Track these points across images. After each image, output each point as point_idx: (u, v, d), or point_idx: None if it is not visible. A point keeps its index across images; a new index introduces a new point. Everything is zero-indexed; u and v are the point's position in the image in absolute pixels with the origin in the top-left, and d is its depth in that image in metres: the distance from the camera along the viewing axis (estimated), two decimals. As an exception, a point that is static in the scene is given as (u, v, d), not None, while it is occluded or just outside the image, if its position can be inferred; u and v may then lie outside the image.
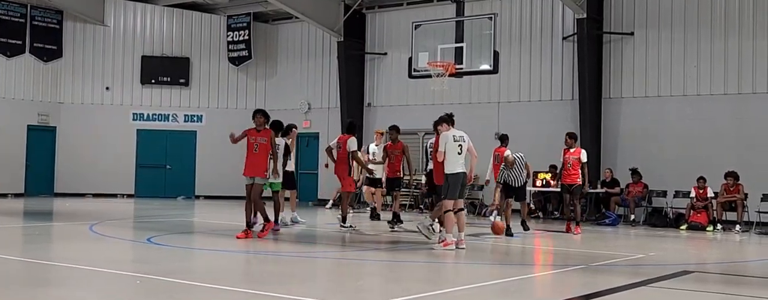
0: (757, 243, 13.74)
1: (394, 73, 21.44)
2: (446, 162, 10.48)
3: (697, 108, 17.36)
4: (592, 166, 18.15)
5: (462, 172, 10.55)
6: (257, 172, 11.29)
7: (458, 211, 10.62)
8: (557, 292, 7.59)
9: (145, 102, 24.02)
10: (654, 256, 10.91)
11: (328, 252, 10.87)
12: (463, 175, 10.55)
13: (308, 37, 23.96)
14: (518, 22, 19.90)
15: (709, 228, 15.39)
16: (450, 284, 7.93)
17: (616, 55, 18.55)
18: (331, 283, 7.99)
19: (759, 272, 9.81)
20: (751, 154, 16.43)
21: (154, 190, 23.29)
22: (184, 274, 7.83)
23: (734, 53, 17.02)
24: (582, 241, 13.10)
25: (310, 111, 23.64)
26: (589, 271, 8.86)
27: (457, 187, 10.48)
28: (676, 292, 7.56)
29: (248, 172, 11.33)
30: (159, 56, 24.02)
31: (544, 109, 19.28)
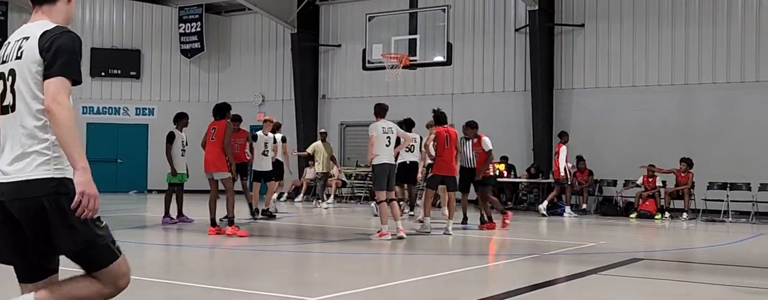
0: (703, 230, 14.08)
1: (349, 65, 21.41)
2: (374, 152, 10.55)
3: (645, 98, 17.70)
4: (544, 157, 18.44)
5: (388, 164, 10.64)
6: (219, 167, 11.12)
7: (390, 201, 10.74)
8: (510, 282, 7.69)
9: (94, 95, 23.56)
10: (604, 244, 11.12)
11: (283, 245, 10.84)
12: (389, 167, 10.66)
13: (262, 28, 23.77)
14: (471, 14, 20.02)
15: (657, 216, 15.74)
16: (404, 275, 7.97)
17: (568, 46, 18.80)
18: (284, 276, 7.97)
19: (705, 259, 10.05)
20: (698, 144, 16.81)
21: (105, 184, 22.58)
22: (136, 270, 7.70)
23: (681, 44, 17.38)
24: (534, 231, 13.28)
25: (264, 103, 23.48)
26: (541, 260, 8.99)
27: (383, 177, 10.57)
28: (626, 279, 7.72)
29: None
30: (109, 48, 23.58)
31: (497, 101, 19.46)
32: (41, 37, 3.01)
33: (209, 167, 11.06)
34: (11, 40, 3.16)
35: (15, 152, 3.04)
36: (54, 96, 2.97)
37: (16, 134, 3.05)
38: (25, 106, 3.04)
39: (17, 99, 3.04)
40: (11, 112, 3.07)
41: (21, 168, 3.01)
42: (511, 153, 18.42)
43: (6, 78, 3.07)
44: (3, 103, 3.10)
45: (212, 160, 11.01)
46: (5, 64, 3.09)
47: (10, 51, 3.09)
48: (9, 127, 3.08)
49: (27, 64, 3.01)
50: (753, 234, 12.96)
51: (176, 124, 12.95)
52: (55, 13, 3.19)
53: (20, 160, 3.03)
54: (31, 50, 3.00)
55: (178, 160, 12.71)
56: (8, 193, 3.02)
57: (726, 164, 16.37)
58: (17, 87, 3.03)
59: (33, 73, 3.01)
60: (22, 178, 3.00)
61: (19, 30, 3.18)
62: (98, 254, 3.15)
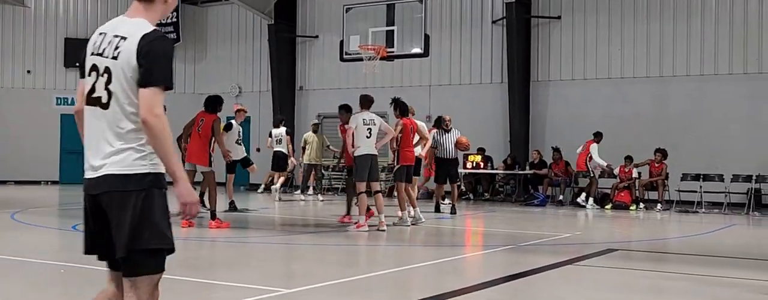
0: (677, 221, 14.25)
1: (326, 56, 21.34)
2: (355, 144, 10.56)
3: (620, 90, 17.85)
4: (521, 148, 18.55)
5: (370, 155, 10.64)
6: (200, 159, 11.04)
7: (376, 193, 10.74)
8: (487, 272, 7.74)
9: (69, 86, 23.29)
10: (580, 235, 11.22)
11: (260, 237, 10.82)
12: (371, 158, 10.65)
13: (238, 19, 23.61)
14: (448, 5, 20.03)
15: (632, 207, 15.89)
16: (381, 266, 8.00)
17: (544, 38, 18.89)
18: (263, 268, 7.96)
19: (679, 249, 10.19)
20: (672, 136, 16.98)
21: (80, 176, 22.56)
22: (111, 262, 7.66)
23: (656, 37, 17.53)
24: (511, 222, 13.35)
25: (241, 95, 23.35)
26: (518, 251, 9.05)
27: (365, 169, 10.57)
28: (602, 270, 7.79)
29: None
30: (83, 39, 23.26)
31: (474, 92, 19.51)
32: (140, 40, 3.05)
33: (191, 158, 10.96)
34: (106, 31, 3.18)
35: (108, 148, 3.10)
36: (150, 108, 3.01)
37: (109, 132, 3.10)
38: (120, 108, 3.09)
39: (112, 99, 3.09)
40: (102, 108, 3.12)
41: (117, 161, 3.08)
42: (488, 144, 18.49)
43: (100, 73, 3.11)
44: (93, 95, 3.14)
45: (195, 151, 10.90)
46: (100, 58, 3.12)
47: (106, 46, 3.12)
48: (100, 123, 3.13)
49: (123, 67, 3.06)
50: (725, 224, 13.14)
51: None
52: (151, 12, 3.23)
53: (116, 155, 3.09)
54: (129, 54, 3.05)
55: None
56: (101, 187, 3.10)
57: (699, 155, 16.57)
58: (113, 87, 3.08)
59: (128, 78, 3.06)
60: (117, 172, 3.07)
61: (115, 23, 3.20)
62: (154, 259, 3.15)
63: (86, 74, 3.18)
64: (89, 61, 3.17)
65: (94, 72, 3.14)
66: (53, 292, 6.34)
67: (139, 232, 3.05)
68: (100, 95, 3.11)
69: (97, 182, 3.12)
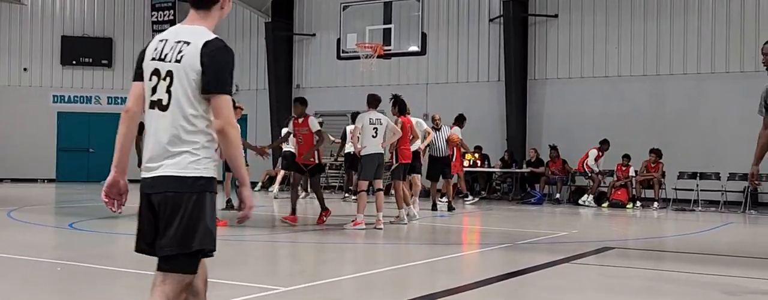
0: (673, 219, 14.27)
1: (323, 54, 21.33)
2: (362, 143, 10.57)
3: (617, 89, 17.86)
4: (518, 147, 18.56)
5: (377, 154, 10.65)
6: None
7: (377, 191, 10.74)
8: (483, 271, 7.75)
9: (65, 83, 23.28)
10: (576, 233, 11.23)
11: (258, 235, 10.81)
12: (378, 157, 10.66)
13: (235, 17, 23.56)
14: (445, 3, 20.03)
15: (629, 205, 15.92)
16: (378, 264, 8.00)
17: (541, 37, 18.90)
18: (259, 266, 7.96)
19: (675, 247, 10.21)
20: (668, 134, 17.01)
21: (77, 174, 22.66)
22: (107, 260, 7.67)
23: (653, 35, 17.55)
24: (507, 220, 13.36)
25: (238, 93, 23.30)
26: (514, 249, 9.06)
27: (371, 168, 10.59)
28: (598, 268, 7.81)
29: None
30: (80, 36, 23.28)
31: (471, 91, 19.51)
32: (204, 47, 3.17)
33: None
34: (167, 38, 3.28)
35: (166, 149, 3.21)
36: (228, 118, 3.16)
37: (166, 133, 3.20)
38: (179, 110, 3.18)
39: (172, 101, 3.19)
40: (161, 110, 3.22)
41: (173, 164, 3.18)
42: (485, 143, 18.50)
43: (162, 77, 3.21)
44: (152, 98, 3.25)
45: None
46: (161, 63, 3.23)
47: (168, 51, 3.23)
48: (158, 125, 3.23)
49: (186, 70, 3.16)
50: (722, 223, 13.16)
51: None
52: (209, 18, 3.36)
53: (172, 157, 3.19)
54: (192, 58, 3.16)
55: None
56: (156, 187, 3.20)
57: (696, 154, 16.60)
58: (174, 90, 3.18)
59: (190, 80, 3.16)
60: (173, 174, 3.17)
61: (175, 31, 3.31)
62: (192, 261, 3.24)
63: (147, 78, 3.28)
64: (150, 66, 3.27)
65: (155, 76, 3.24)
66: (50, 290, 6.33)
67: (190, 234, 3.15)
68: (161, 98, 3.22)
69: (153, 182, 3.22)
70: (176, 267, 3.20)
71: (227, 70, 3.20)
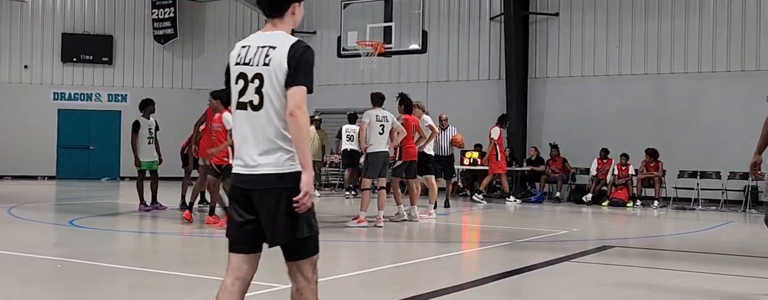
0: (674, 218, 14.27)
1: (324, 52, 21.23)
2: (368, 140, 10.58)
3: (618, 88, 17.85)
4: (518, 145, 18.55)
5: (383, 152, 10.66)
6: None
7: (379, 189, 10.75)
8: (483, 269, 7.75)
9: (66, 81, 23.26)
10: (576, 231, 11.23)
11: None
12: (384, 155, 10.67)
13: (236, 15, 23.58)
14: (446, 1, 20.01)
15: (629, 204, 15.91)
16: (378, 262, 8.00)
17: (542, 35, 18.88)
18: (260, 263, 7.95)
19: (675, 246, 10.21)
20: (669, 133, 17.00)
21: (77, 171, 22.64)
22: (107, 257, 7.68)
23: (654, 34, 17.53)
24: (507, 218, 13.36)
25: (239, 90, 23.33)
26: (515, 248, 9.06)
27: (377, 166, 10.61)
28: (598, 267, 7.81)
29: None
30: (80, 34, 23.26)
31: (471, 89, 19.50)
32: (290, 49, 3.45)
33: (205, 153, 10.93)
34: (249, 44, 3.57)
35: (261, 147, 3.45)
36: (299, 104, 3.39)
37: (262, 132, 3.45)
38: (272, 108, 3.43)
39: (265, 101, 3.44)
40: (253, 110, 3.46)
41: (271, 162, 3.43)
42: (486, 141, 18.46)
43: (250, 79, 3.47)
44: (241, 100, 3.50)
45: (208, 147, 10.87)
46: (247, 67, 3.50)
47: (254, 56, 3.50)
48: (252, 124, 3.47)
49: (275, 71, 3.43)
50: (722, 222, 13.16)
51: (142, 111, 12.83)
52: (285, 24, 3.64)
53: (269, 154, 3.44)
54: (280, 60, 3.43)
55: (145, 148, 12.60)
56: (256, 183, 3.45)
57: (696, 153, 16.58)
58: (265, 90, 3.44)
59: (279, 80, 3.42)
60: (272, 171, 3.43)
61: (257, 37, 3.60)
62: (311, 244, 3.59)
63: (234, 82, 3.54)
64: (235, 71, 3.55)
65: (242, 80, 3.50)
66: (50, 287, 6.33)
67: (295, 224, 3.46)
68: (251, 99, 3.47)
69: (252, 179, 3.46)
70: (302, 253, 3.57)
71: (309, 66, 3.45)
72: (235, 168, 3.55)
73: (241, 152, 3.51)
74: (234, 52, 3.61)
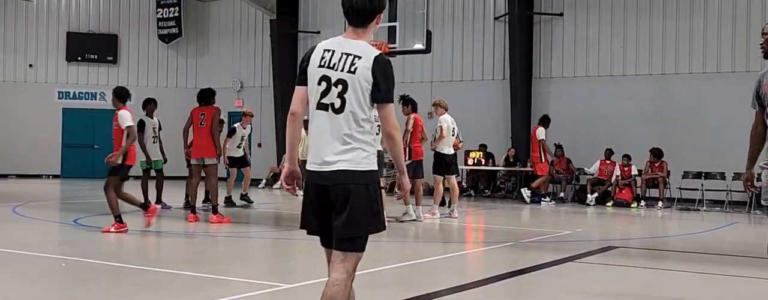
0: (678, 219, 14.24)
1: (328, 51, 21.30)
2: None
3: (623, 88, 17.82)
4: (522, 145, 18.53)
5: (379, 151, 10.64)
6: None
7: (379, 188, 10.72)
8: (487, 269, 7.74)
9: (71, 80, 23.33)
10: (581, 232, 11.22)
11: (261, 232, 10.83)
12: (380, 154, 10.67)
13: (240, 14, 23.60)
14: (451, 1, 20.00)
15: (633, 205, 15.89)
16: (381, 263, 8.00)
17: (547, 35, 18.86)
18: (262, 263, 7.97)
19: (679, 247, 10.19)
20: (674, 133, 16.97)
21: (82, 170, 22.69)
22: (111, 256, 7.70)
23: (658, 35, 17.50)
24: (511, 219, 13.34)
25: (243, 90, 23.36)
26: (518, 248, 9.06)
27: (381, 165, 10.61)
28: (601, 267, 7.79)
29: None
30: (85, 33, 23.31)
31: (476, 89, 19.49)
32: (375, 62, 3.65)
33: (199, 153, 10.95)
34: (333, 49, 3.72)
35: (340, 147, 3.65)
36: (394, 124, 3.73)
37: (341, 133, 3.65)
38: (352, 113, 3.64)
39: (346, 105, 3.64)
40: (334, 112, 3.66)
41: (349, 159, 3.64)
42: (489, 141, 18.49)
43: (333, 83, 3.65)
44: (323, 101, 3.67)
45: (202, 145, 10.91)
46: (331, 71, 3.67)
47: (337, 61, 3.67)
48: (331, 125, 3.66)
49: (359, 80, 3.63)
50: (727, 222, 13.13)
51: (144, 109, 12.86)
52: (367, 33, 3.83)
53: (346, 153, 3.64)
54: (365, 71, 3.63)
55: (149, 147, 12.62)
56: (335, 179, 3.63)
57: (701, 153, 16.55)
58: (348, 96, 3.64)
59: (363, 89, 3.64)
60: (351, 168, 3.64)
61: (339, 43, 3.74)
62: (363, 241, 3.74)
63: (315, 83, 3.70)
64: (318, 72, 3.70)
65: (325, 82, 3.67)
66: (54, 285, 6.35)
67: (365, 219, 3.66)
68: (333, 102, 3.65)
69: (331, 175, 3.64)
70: (355, 247, 3.71)
71: (392, 82, 3.69)
72: (312, 166, 3.71)
73: (319, 150, 3.69)
74: (315, 54, 3.73)
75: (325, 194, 3.67)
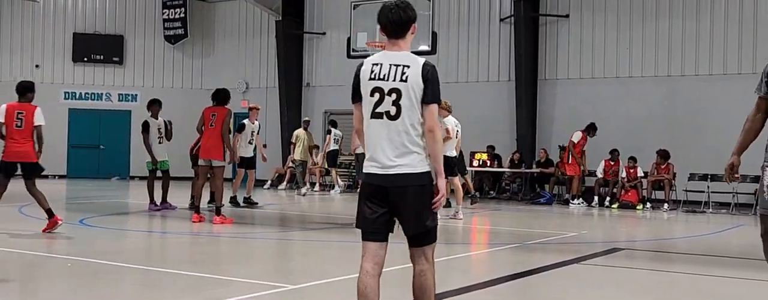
0: (684, 221, 14.20)
1: (333, 53, 21.33)
2: None
3: (629, 90, 17.78)
4: (528, 147, 18.50)
5: None
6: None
7: None
8: (492, 271, 7.73)
9: (77, 80, 23.38)
10: (586, 234, 11.19)
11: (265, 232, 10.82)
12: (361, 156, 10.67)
13: (246, 15, 23.63)
14: (456, 3, 19.99)
15: (639, 207, 15.84)
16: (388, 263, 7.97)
17: (552, 37, 18.83)
18: (266, 263, 7.97)
19: (685, 249, 10.15)
20: (680, 135, 16.91)
21: (87, 170, 22.75)
22: (117, 256, 7.70)
23: (665, 36, 17.45)
24: (516, 220, 13.32)
25: (248, 90, 23.38)
26: (524, 250, 9.04)
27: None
28: (607, 269, 7.77)
29: None
30: (92, 33, 23.37)
31: (481, 90, 19.46)
32: (423, 69, 3.97)
33: (207, 154, 10.90)
34: (380, 62, 4.01)
35: (398, 151, 3.95)
36: (436, 121, 4.00)
37: (398, 137, 3.95)
38: (408, 118, 3.94)
39: (402, 112, 3.93)
40: (390, 119, 3.95)
41: (407, 163, 3.94)
42: (495, 143, 18.46)
43: (386, 93, 3.95)
44: (378, 110, 3.97)
45: (210, 146, 10.85)
46: (383, 82, 3.96)
47: (387, 73, 3.97)
48: (389, 131, 3.95)
49: (412, 87, 3.93)
50: (733, 225, 13.08)
51: (149, 110, 12.86)
52: (406, 42, 4.13)
53: (404, 156, 3.95)
54: (416, 77, 3.94)
55: (155, 148, 12.62)
56: (395, 182, 3.94)
57: (707, 155, 16.46)
58: (402, 103, 3.93)
59: (416, 95, 3.93)
60: (410, 171, 3.95)
61: (386, 56, 4.03)
62: (434, 232, 4.18)
63: (368, 95, 3.99)
64: (369, 85, 3.99)
65: (378, 93, 3.96)
66: (60, 285, 6.36)
67: (428, 215, 4.04)
68: (388, 110, 3.95)
69: (390, 178, 3.95)
70: (427, 240, 4.15)
71: (438, 84, 3.99)
72: (370, 169, 4.02)
73: (377, 155, 3.98)
74: (364, 70, 4.02)
75: (384, 195, 3.98)
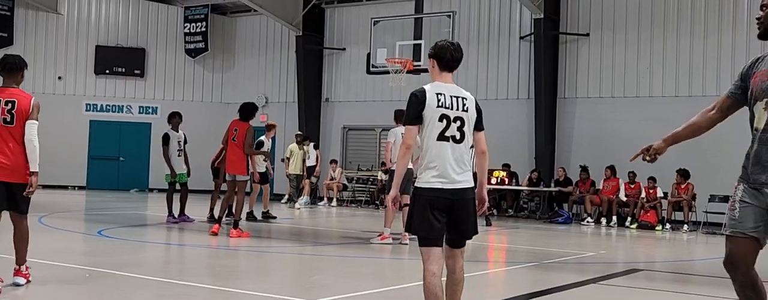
0: (704, 242, 14.06)
1: (353, 68, 21.42)
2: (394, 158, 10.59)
3: (649, 109, 17.66)
4: (546, 165, 18.41)
5: (409, 169, 10.61)
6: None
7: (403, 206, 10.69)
8: (509, 289, 7.68)
9: (98, 92, 23.61)
10: (604, 254, 11.10)
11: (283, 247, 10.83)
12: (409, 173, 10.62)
13: (266, 30, 23.79)
14: (476, 20, 20.03)
15: (658, 227, 15.71)
16: (401, 280, 7.96)
17: (572, 55, 18.80)
18: (283, 278, 7.96)
19: (705, 271, 10.04)
20: (701, 156, 16.75)
21: (107, 182, 22.91)
22: (135, 268, 7.73)
23: (685, 56, 17.36)
24: (534, 239, 13.24)
25: (268, 105, 23.49)
26: (541, 269, 8.98)
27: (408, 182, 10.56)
28: (625, 290, 7.70)
29: None
30: (114, 46, 23.62)
31: (500, 108, 19.42)
32: (474, 101, 4.85)
33: (233, 169, 11.03)
34: (443, 92, 4.76)
35: (462, 169, 4.70)
36: (486, 145, 5.00)
37: (462, 158, 4.71)
38: (468, 142, 4.77)
39: (465, 137, 4.74)
40: (456, 142, 4.70)
41: (468, 179, 4.73)
42: (513, 161, 18.40)
43: (452, 120, 4.70)
44: (446, 134, 4.68)
45: (234, 161, 10.98)
46: (448, 110, 4.71)
47: (451, 103, 4.73)
48: (453, 152, 4.68)
49: (471, 117, 4.79)
50: (753, 247, 12.91)
51: (170, 123, 12.94)
52: (452, 75, 4.91)
53: (466, 174, 4.72)
54: (473, 109, 4.82)
55: (175, 160, 12.68)
56: (458, 195, 4.66)
57: (728, 177, 16.16)
58: (466, 129, 4.75)
59: (473, 122, 4.81)
60: (470, 186, 4.73)
61: (446, 88, 4.80)
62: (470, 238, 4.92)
63: (436, 120, 4.67)
64: (437, 112, 4.68)
65: (445, 119, 4.68)
66: (78, 296, 6.39)
67: (476, 223, 4.87)
68: (454, 134, 4.70)
69: (459, 192, 4.67)
70: (464, 242, 4.90)
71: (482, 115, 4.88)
72: (436, 184, 4.64)
73: (445, 172, 4.64)
74: (430, 98, 4.70)
75: (449, 207, 4.64)
